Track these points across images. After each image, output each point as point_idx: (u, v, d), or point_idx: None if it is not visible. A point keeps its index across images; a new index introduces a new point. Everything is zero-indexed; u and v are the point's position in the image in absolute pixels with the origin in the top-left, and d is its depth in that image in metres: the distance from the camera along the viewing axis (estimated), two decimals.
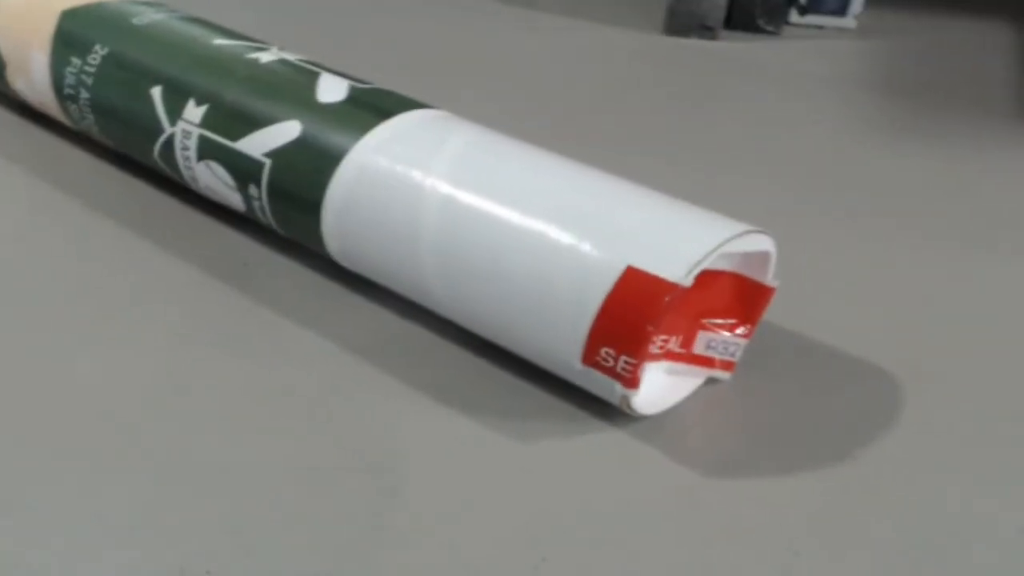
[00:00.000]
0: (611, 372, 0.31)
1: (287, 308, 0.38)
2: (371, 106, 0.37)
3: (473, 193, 0.33)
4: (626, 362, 0.30)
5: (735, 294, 0.34)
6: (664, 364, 0.33)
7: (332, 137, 0.36)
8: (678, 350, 0.33)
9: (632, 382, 0.30)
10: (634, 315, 0.30)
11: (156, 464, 0.31)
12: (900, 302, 0.41)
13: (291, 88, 0.38)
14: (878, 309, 0.40)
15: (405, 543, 0.28)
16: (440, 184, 0.34)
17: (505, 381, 0.35)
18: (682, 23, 0.69)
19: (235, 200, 0.39)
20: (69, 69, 0.43)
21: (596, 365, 0.31)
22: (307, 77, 0.39)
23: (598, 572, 0.28)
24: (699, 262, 0.30)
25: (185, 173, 0.40)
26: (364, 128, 0.36)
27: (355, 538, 0.28)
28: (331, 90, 0.38)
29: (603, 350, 0.30)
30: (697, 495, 0.31)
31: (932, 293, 0.42)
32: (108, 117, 0.43)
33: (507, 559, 0.28)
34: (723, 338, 0.34)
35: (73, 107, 0.44)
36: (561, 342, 0.31)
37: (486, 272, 0.32)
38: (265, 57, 0.40)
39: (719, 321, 0.34)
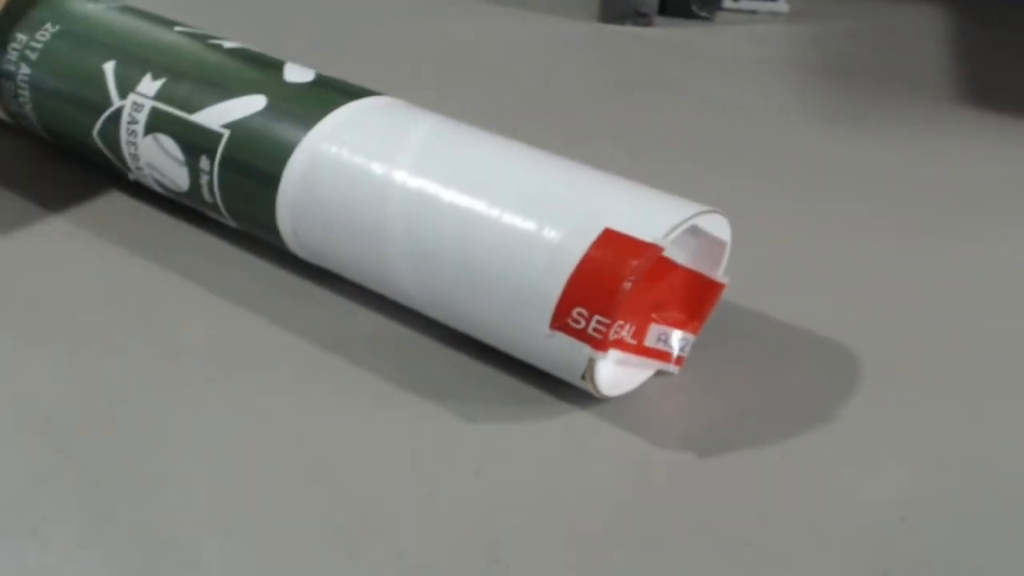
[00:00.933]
0: (581, 334, 0.31)
1: (243, 301, 0.38)
2: (338, 89, 0.38)
3: (441, 183, 0.33)
4: (599, 322, 0.30)
5: (686, 290, 0.34)
6: (615, 353, 0.33)
7: (299, 112, 0.36)
8: (630, 340, 0.33)
9: (603, 344, 0.31)
10: (611, 272, 0.30)
11: (97, 476, 0.29)
12: (851, 283, 0.42)
13: (257, 67, 0.39)
14: (830, 290, 0.41)
15: (356, 549, 0.28)
16: (406, 175, 0.34)
17: (470, 371, 0.35)
18: (616, 10, 0.69)
19: (179, 176, 0.38)
20: (12, 45, 0.42)
21: (565, 328, 0.31)
22: (272, 62, 0.39)
23: (551, 570, 0.28)
24: (676, 226, 0.31)
25: (126, 150, 0.40)
26: (330, 107, 0.36)
27: (306, 544, 0.28)
28: (297, 73, 0.39)
29: (575, 311, 0.31)
30: (655, 481, 0.31)
31: (882, 274, 0.43)
32: (47, 93, 0.42)
33: (460, 563, 0.28)
34: (673, 332, 0.34)
35: (8, 85, 0.43)
36: (530, 306, 0.32)
37: (456, 255, 0.33)
38: (228, 44, 0.41)
39: (670, 315, 0.34)
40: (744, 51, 0.66)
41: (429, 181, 0.33)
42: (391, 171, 0.34)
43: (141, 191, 0.43)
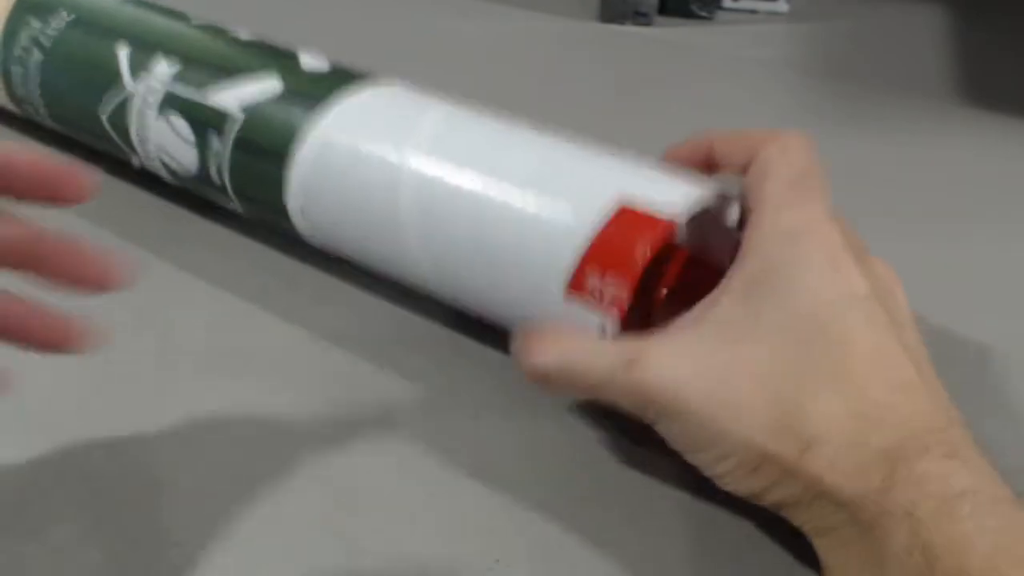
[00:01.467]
0: (596, 304, 0.31)
1: (245, 294, 0.37)
2: (353, 75, 0.38)
3: (456, 160, 0.34)
4: (614, 286, 0.30)
5: (695, 278, 0.34)
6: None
7: (315, 95, 0.37)
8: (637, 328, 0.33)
9: (617, 313, 0.31)
10: (627, 243, 0.30)
11: (97, 476, 0.30)
12: None
13: (273, 55, 0.39)
14: None
15: (356, 549, 0.28)
16: (421, 155, 0.34)
17: (473, 369, 0.35)
18: (616, 10, 0.69)
19: (188, 158, 0.39)
20: (26, 31, 0.43)
21: (581, 296, 0.31)
22: (288, 51, 0.40)
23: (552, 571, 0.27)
24: (694, 203, 0.31)
25: (135, 132, 0.40)
26: (345, 92, 0.37)
27: (306, 544, 0.28)
28: (313, 62, 0.39)
29: (590, 279, 0.31)
30: (658, 480, 0.31)
31: None
32: (58, 77, 0.42)
33: (460, 563, 0.28)
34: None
35: (17, 71, 0.43)
36: (545, 276, 0.32)
37: (471, 227, 0.33)
38: (244, 35, 0.41)
39: (674, 308, 0.34)
40: (744, 51, 0.66)
41: (444, 158, 0.34)
42: (405, 151, 0.34)
43: (143, 181, 0.43)
